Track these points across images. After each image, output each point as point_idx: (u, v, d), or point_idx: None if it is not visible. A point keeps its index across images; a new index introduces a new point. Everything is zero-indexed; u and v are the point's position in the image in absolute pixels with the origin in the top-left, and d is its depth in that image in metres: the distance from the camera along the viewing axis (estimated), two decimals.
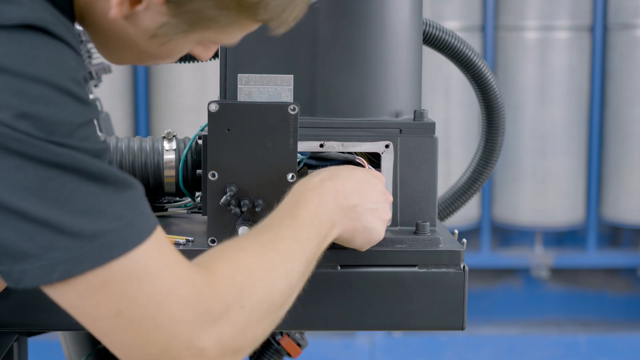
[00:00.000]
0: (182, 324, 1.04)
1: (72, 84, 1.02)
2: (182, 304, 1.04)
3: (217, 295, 1.07)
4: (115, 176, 1.03)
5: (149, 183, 1.56)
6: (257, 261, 1.14)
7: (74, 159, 1.00)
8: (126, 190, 1.04)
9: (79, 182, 1.00)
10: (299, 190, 1.29)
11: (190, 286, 1.05)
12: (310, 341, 1.85)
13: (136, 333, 1.03)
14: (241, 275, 1.11)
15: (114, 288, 1.01)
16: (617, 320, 5.00)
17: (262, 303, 1.12)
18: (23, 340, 1.84)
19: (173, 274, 1.05)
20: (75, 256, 0.99)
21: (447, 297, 1.43)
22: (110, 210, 1.02)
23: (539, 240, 4.88)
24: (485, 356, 4.62)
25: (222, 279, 1.09)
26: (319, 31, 1.45)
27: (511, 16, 4.72)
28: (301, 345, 1.78)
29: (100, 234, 1.00)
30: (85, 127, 1.02)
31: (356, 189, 1.33)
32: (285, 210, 1.26)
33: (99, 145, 1.03)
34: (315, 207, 1.27)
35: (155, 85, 4.74)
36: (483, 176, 1.83)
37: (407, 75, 1.51)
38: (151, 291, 1.03)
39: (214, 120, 1.39)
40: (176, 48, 1.18)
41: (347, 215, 1.31)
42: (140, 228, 1.03)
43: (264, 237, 1.20)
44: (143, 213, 1.05)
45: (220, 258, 1.13)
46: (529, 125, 4.72)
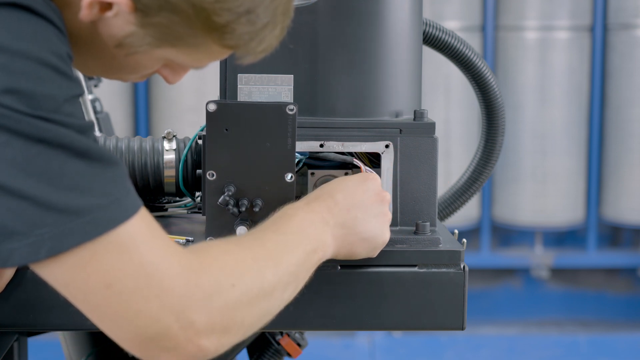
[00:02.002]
0: (172, 295, 1.03)
1: (57, 59, 1.02)
2: (174, 276, 1.04)
3: (208, 273, 1.07)
4: (101, 153, 1.03)
5: (149, 183, 1.56)
6: (244, 253, 1.15)
7: (60, 135, 1.00)
8: (112, 167, 1.04)
9: (65, 158, 1.00)
10: (282, 210, 1.29)
11: (182, 260, 1.06)
12: (310, 341, 1.85)
13: (126, 305, 1.03)
14: (231, 260, 1.11)
15: (104, 261, 1.01)
16: (617, 320, 5.00)
17: (252, 286, 1.12)
18: (23, 340, 1.84)
19: (164, 247, 1.05)
20: (63, 232, 0.99)
21: (447, 297, 1.43)
22: (97, 186, 1.02)
23: (539, 240, 4.88)
24: (485, 356, 4.62)
25: (212, 261, 1.10)
26: (319, 31, 1.45)
27: (511, 16, 4.72)
28: (301, 345, 1.78)
29: (88, 210, 1.00)
30: (70, 102, 1.02)
31: (346, 202, 1.32)
32: (267, 225, 1.26)
33: (84, 122, 1.03)
34: (300, 222, 1.26)
35: (155, 85, 4.74)
36: (483, 176, 1.83)
37: (407, 75, 1.51)
38: (141, 263, 1.03)
39: (212, 120, 1.39)
40: (142, 62, 1.18)
41: (339, 233, 1.31)
42: (127, 205, 1.04)
43: (248, 239, 1.20)
44: (129, 191, 1.05)
45: (208, 247, 1.14)
46: (529, 125, 4.72)
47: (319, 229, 1.28)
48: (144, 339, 1.04)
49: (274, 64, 1.45)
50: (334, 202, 1.31)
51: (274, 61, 1.45)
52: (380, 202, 1.36)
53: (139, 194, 1.56)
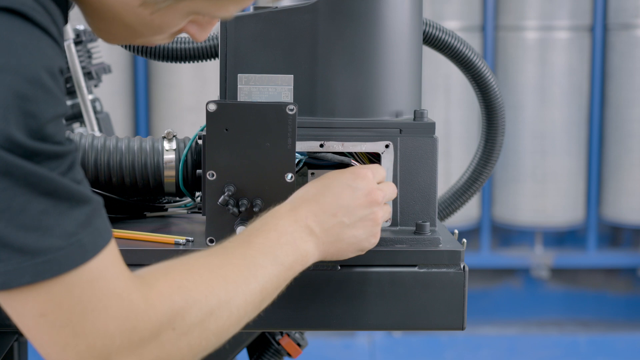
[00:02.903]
0: (102, 336, 1.03)
1: (46, 76, 1.00)
2: (108, 318, 1.03)
3: (150, 314, 1.06)
4: (70, 191, 1.01)
5: (149, 183, 1.56)
6: (199, 284, 1.12)
7: (28, 172, 0.98)
8: (80, 206, 1.02)
9: (30, 197, 0.98)
10: (265, 217, 1.28)
11: (123, 301, 1.04)
12: (310, 341, 1.85)
13: (57, 337, 1.02)
14: (179, 296, 1.09)
15: (47, 295, 1.00)
16: (617, 320, 5.00)
17: (194, 327, 1.10)
18: (23, 340, 1.84)
19: (109, 289, 1.03)
20: (16, 270, 0.98)
21: (447, 297, 1.43)
22: (59, 226, 1.00)
23: (539, 240, 4.88)
24: (485, 356, 4.62)
25: (159, 297, 1.07)
26: (319, 31, 1.45)
27: (511, 16, 4.72)
28: (301, 345, 1.78)
29: (44, 251, 0.99)
30: (53, 123, 1.00)
31: (333, 206, 1.30)
32: (244, 236, 1.24)
33: (61, 148, 1.01)
34: (279, 236, 1.25)
35: (155, 85, 4.74)
36: (483, 176, 1.83)
37: (407, 75, 1.51)
38: (81, 302, 1.01)
39: (212, 120, 1.39)
40: (167, 20, 1.15)
41: (324, 240, 1.30)
42: (87, 246, 1.02)
43: (214, 261, 1.17)
44: (95, 230, 1.03)
45: (164, 275, 1.11)
46: (529, 125, 4.72)
47: (299, 241, 1.26)
48: None
49: (274, 64, 1.45)
50: (320, 207, 1.30)
51: (274, 61, 1.45)
52: (368, 204, 1.33)
53: (139, 194, 1.57)
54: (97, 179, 1.55)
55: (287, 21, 1.44)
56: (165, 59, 1.67)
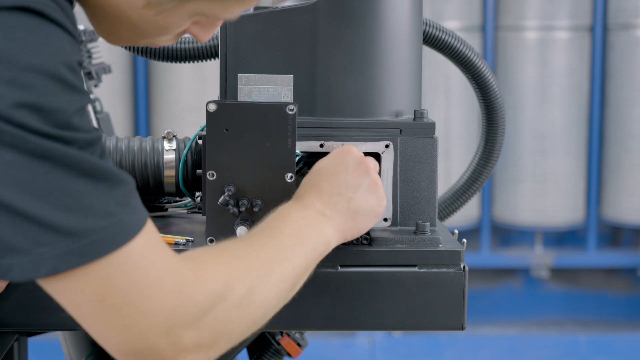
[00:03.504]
0: (162, 312, 1.04)
1: (66, 71, 1.01)
2: (165, 293, 1.04)
3: (202, 286, 1.08)
4: (107, 172, 1.03)
5: (149, 183, 1.56)
6: (237, 264, 1.15)
7: (66, 155, 1.00)
8: (118, 186, 1.04)
9: (70, 178, 1.00)
10: (276, 212, 1.30)
11: (174, 275, 1.06)
12: (310, 341, 1.85)
13: (117, 319, 1.03)
14: (225, 269, 1.12)
15: (100, 278, 1.02)
16: (617, 320, 5.00)
17: (242, 298, 1.12)
18: (23, 340, 1.84)
19: (158, 265, 1.05)
20: (64, 253, 0.99)
21: (447, 297, 1.43)
22: (101, 207, 1.01)
23: (539, 240, 4.88)
24: (485, 356, 4.62)
25: (206, 271, 1.10)
26: (319, 31, 1.45)
27: (511, 16, 4.72)
28: (301, 345, 1.78)
29: (90, 232, 1.00)
30: (78, 115, 1.02)
31: (333, 187, 1.32)
32: (262, 228, 1.26)
33: (91, 134, 1.03)
34: (295, 222, 1.27)
35: (155, 85, 4.74)
36: (483, 176, 1.83)
37: (407, 75, 1.51)
38: (135, 280, 1.03)
39: (212, 120, 1.39)
40: (171, 21, 1.16)
41: (339, 219, 1.32)
42: (129, 225, 1.04)
43: (243, 246, 1.20)
44: (133, 209, 1.05)
45: (205, 254, 1.14)
46: (529, 125, 4.72)
47: (316, 224, 1.29)
48: (133, 352, 1.05)
49: (274, 64, 1.45)
50: (321, 192, 1.32)
51: (274, 61, 1.45)
52: (365, 172, 1.35)
53: (139, 194, 1.57)
54: None
55: (287, 21, 1.44)
56: (165, 59, 1.67)
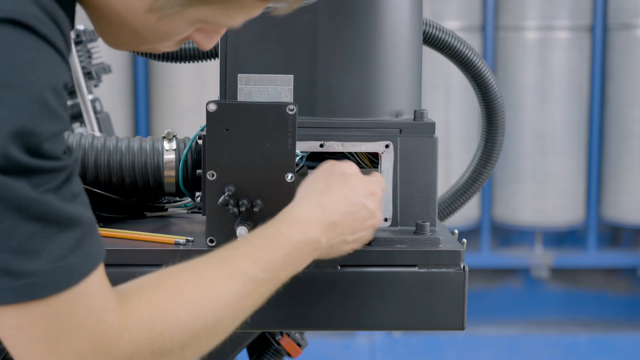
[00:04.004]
0: (75, 356, 1.02)
1: (49, 94, 0.99)
2: (83, 338, 1.03)
3: (125, 337, 1.05)
4: (60, 214, 1.00)
5: (149, 183, 1.56)
6: (186, 305, 1.11)
7: (17, 196, 0.97)
8: (69, 229, 1.01)
9: (19, 220, 0.98)
10: (271, 233, 1.24)
11: (99, 323, 1.04)
12: (310, 341, 1.85)
13: (33, 350, 1.02)
14: (161, 320, 1.08)
15: (29, 316, 1.01)
16: (617, 320, 5.00)
17: (174, 350, 1.09)
18: None
19: (87, 310, 1.03)
20: (1, 289, 0.98)
21: (447, 297, 1.43)
22: (47, 251, 0.99)
23: (539, 240, 4.88)
24: (485, 356, 4.62)
25: (138, 322, 1.07)
26: (319, 31, 1.45)
27: (511, 16, 4.72)
28: (301, 345, 1.78)
29: (29, 274, 0.99)
30: (51, 140, 0.99)
31: (339, 228, 1.29)
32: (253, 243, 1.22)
33: (59, 163, 1.00)
34: (285, 258, 1.22)
35: (155, 85, 4.74)
36: (483, 176, 1.83)
37: (407, 75, 1.51)
38: (56, 319, 1.02)
39: (212, 120, 1.39)
40: (174, 27, 1.15)
41: (324, 252, 1.29)
42: (74, 270, 1.01)
43: (208, 274, 1.15)
44: (84, 253, 1.03)
45: (149, 294, 1.10)
46: (529, 125, 4.72)
47: (307, 257, 1.26)
48: None
49: (274, 64, 1.45)
50: (331, 227, 1.28)
51: (274, 61, 1.45)
52: (371, 227, 1.34)
53: (139, 194, 1.57)
54: (97, 179, 1.55)
55: (287, 21, 1.44)
56: (165, 59, 1.67)
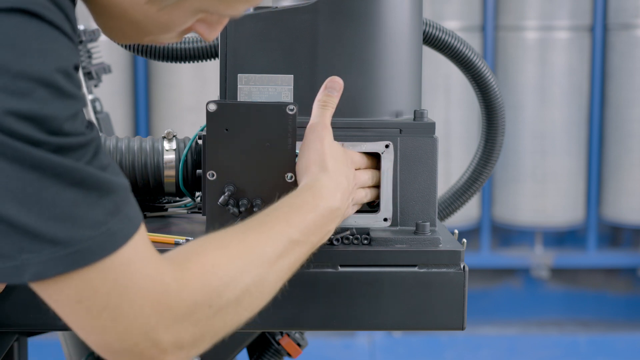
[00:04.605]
0: (140, 316, 1.05)
1: (61, 78, 1.00)
2: (144, 298, 1.05)
3: (184, 294, 1.08)
4: (98, 180, 1.02)
5: (149, 183, 1.56)
6: (234, 262, 1.14)
7: (55, 164, 0.99)
8: (108, 194, 1.03)
9: (59, 188, 1.00)
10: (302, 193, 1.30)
11: (156, 282, 1.06)
12: (310, 341, 1.85)
13: (96, 321, 1.04)
14: (214, 275, 1.11)
15: (82, 282, 1.03)
16: (617, 320, 5.00)
17: (229, 305, 1.12)
18: (23, 340, 1.84)
19: (142, 273, 1.06)
20: (49, 260, 1.00)
21: (447, 297, 1.43)
22: (89, 216, 1.01)
23: (539, 240, 4.88)
24: (485, 356, 4.62)
25: (193, 279, 1.10)
26: (319, 31, 1.45)
27: (511, 16, 4.72)
28: (301, 345, 1.78)
29: (75, 241, 1.00)
30: (71, 121, 1.01)
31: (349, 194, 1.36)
32: (278, 210, 1.26)
33: (84, 137, 1.02)
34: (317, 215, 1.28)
35: (155, 85, 4.74)
36: (483, 176, 1.83)
37: (407, 75, 1.51)
38: (116, 287, 1.04)
39: (212, 120, 1.39)
40: (175, 17, 1.15)
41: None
42: (117, 234, 1.03)
43: (250, 236, 1.19)
44: (124, 217, 1.05)
45: (198, 255, 1.13)
46: (529, 125, 4.72)
47: (328, 226, 1.30)
48: (112, 351, 1.07)
49: (274, 64, 1.45)
50: (344, 190, 1.34)
51: (274, 61, 1.45)
52: (356, 186, 1.41)
53: (139, 193, 1.57)
54: None
55: (287, 21, 1.44)
56: (165, 59, 1.67)
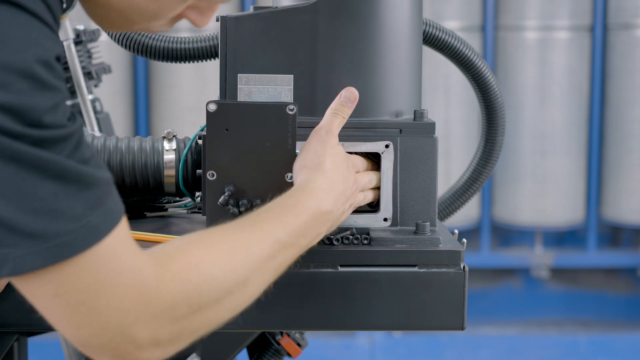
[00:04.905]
0: (117, 312, 1.04)
1: (40, 69, 0.99)
2: (122, 293, 1.04)
3: (163, 290, 1.07)
4: (78, 173, 1.01)
5: (149, 183, 1.56)
6: (218, 262, 1.13)
7: (35, 156, 0.98)
8: (89, 187, 1.02)
9: (38, 181, 0.98)
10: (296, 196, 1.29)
11: (135, 277, 1.05)
12: (310, 341, 1.85)
13: (71, 316, 1.03)
14: (196, 274, 1.10)
15: (60, 278, 1.01)
16: (617, 320, 5.00)
17: (210, 304, 1.11)
18: (23, 340, 1.85)
19: (121, 267, 1.04)
20: (26, 254, 0.98)
21: (447, 297, 1.43)
22: (69, 210, 1.00)
23: (539, 240, 4.88)
24: (485, 356, 4.62)
25: (174, 276, 1.08)
26: (319, 31, 1.45)
27: (511, 16, 4.72)
28: (301, 345, 1.78)
29: (54, 235, 0.99)
30: (52, 112, 0.99)
31: (345, 198, 1.35)
32: (267, 211, 1.25)
33: (65, 130, 1.00)
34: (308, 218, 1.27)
35: (155, 85, 4.74)
36: (483, 176, 1.83)
37: (407, 75, 1.51)
38: (92, 279, 1.02)
39: (212, 120, 1.39)
40: (165, 4, 1.14)
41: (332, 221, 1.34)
42: (98, 227, 1.02)
43: (237, 236, 1.18)
44: (105, 211, 1.03)
45: (182, 252, 1.12)
46: (529, 125, 4.72)
47: (319, 229, 1.29)
48: (89, 346, 1.06)
49: (274, 64, 1.45)
50: (338, 197, 1.33)
51: (274, 61, 1.45)
52: (356, 191, 1.40)
53: (139, 194, 1.57)
54: None
55: (287, 21, 1.44)
56: (165, 59, 1.67)
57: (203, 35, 1.64)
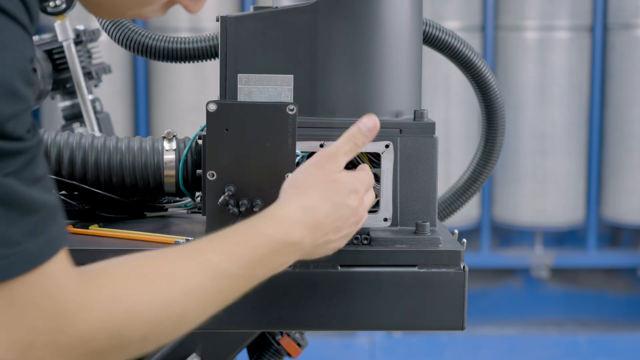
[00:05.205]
0: (27, 332, 1.00)
1: (10, 76, 0.96)
2: (37, 315, 1.01)
3: (81, 320, 1.03)
4: (21, 198, 0.98)
5: (149, 183, 1.56)
6: (151, 294, 1.08)
7: None
8: (30, 214, 0.99)
9: None
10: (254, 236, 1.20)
11: (56, 302, 1.01)
12: (310, 341, 1.85)
13: None
14: (122, 308, 1.05)
15: None
16: (617, 320, 5.00)
17: (133, 341, 1.06)
18: None
19: (46, 291, 1.01)
20: None
21: (447, 297, 1.43)
22: (5, 235, 0.97)
23: (539, 240, 4.88)
24: (485, 356, 4.62)
25: (97, 306, 1.04)
26: (319, 31, 1.45)
27: (511, 16, 4.72)
28: (301, 345, 1.78)
29: None
30: (13, 121, 0.96)
31: (327, 227, 1.26)
32: (232, 238, 1.19)
33: (21, 144, 0.97)
34: (267, 261, 1.19)
35: (155, 85, 4.74)
36: (483, 176, 1.83)
37: (407, 75, 1.51)
38: (12, 300, 1.00)
39: (212, 120, 1.39)
40: None
41: (306, 253, 1.26)
42: (32, 255, 0.99)
43: (178, 265, 1.12)
44: (44, 238, 1.00)
45: (113, 280, 1.07)
46: (529, 125, 4.72)
47: (286, 259, 1.22)
48: None
49: (274, 64, 1.45)
50: (314, 228, 1.24)
51: (274, 61, 1.45)
52: (355, 224, 1.30)
53: (139, 194, 1.57)
54: (97, 179, 1.55)
55: (287, 21, 1.44)
56: (165, 59, 1.67)
57: (203, 35, 1.64)
